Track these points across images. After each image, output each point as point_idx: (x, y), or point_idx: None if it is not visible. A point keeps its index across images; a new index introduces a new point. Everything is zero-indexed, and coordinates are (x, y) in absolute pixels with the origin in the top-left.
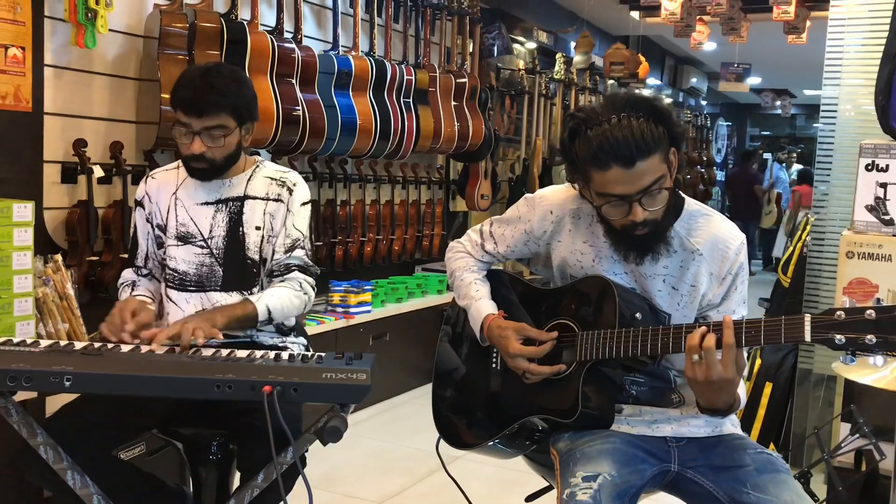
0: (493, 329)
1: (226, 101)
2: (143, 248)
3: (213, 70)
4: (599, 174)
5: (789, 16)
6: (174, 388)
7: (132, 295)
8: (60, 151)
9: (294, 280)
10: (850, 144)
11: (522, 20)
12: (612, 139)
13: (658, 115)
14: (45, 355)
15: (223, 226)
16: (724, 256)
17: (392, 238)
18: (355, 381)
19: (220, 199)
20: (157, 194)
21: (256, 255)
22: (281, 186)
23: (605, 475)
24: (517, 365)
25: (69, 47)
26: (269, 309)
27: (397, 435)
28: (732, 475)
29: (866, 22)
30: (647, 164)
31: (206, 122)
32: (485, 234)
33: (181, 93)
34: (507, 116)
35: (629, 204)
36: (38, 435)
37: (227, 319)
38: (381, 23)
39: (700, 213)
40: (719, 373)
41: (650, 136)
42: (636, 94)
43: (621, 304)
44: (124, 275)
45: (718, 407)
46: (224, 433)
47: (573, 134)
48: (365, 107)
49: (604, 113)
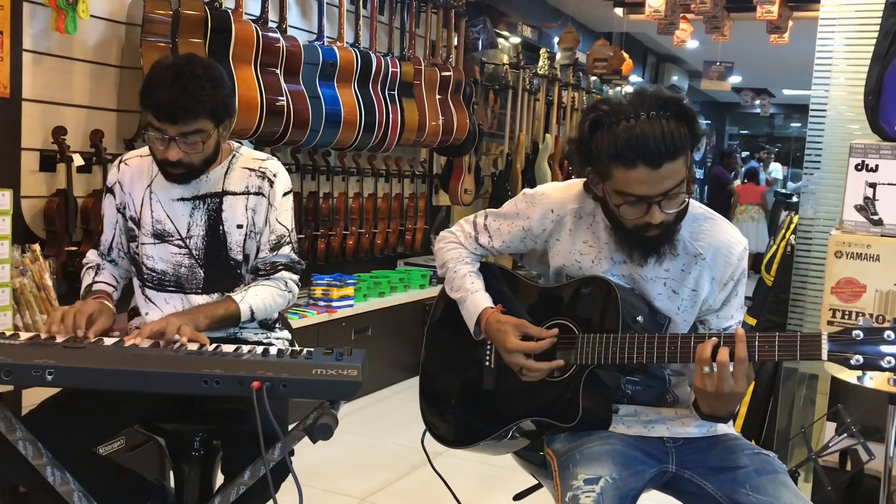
0: (491, 323)
1: (202, 106)
2: (109, 237)
3: (184, 70)
4: (623, 172)
5: (772, 15)
6: (160, 383)
7: (94, 282)
8: (39, 139)
9: (280, 279)
10: (837, 144)
11: (507, 15)
12: (642, 137)
13: (685, 117)
14: (26, 348)
15: (202, 224)
16: (727, 262)
17: (375, 232)
18: (346, 378)
19: (198, 196)
20: (131, 184)
21: (240, 255)
22: (261, 178)
23: (607, 477)
24: (514, 361)
25: (49, 32)
26: (252, 309)
27: (380, 430)
28: (731, 476)
29: (855, 21)
30: (673, 166)
31: (182, 129)
32: (479, 227)
33: (153, 96)
34: (491, 111)
35: (648, 205)
36: (16, 430)
37: (209, 321)
38: (366, 14)
39: (704, 216)
40: (730, 386)
41: (679, 137)
42: (666, 93)
43: (623, 307)
44: (89, 256)
45: (721, 415)
46: (207, 429)
47: (595, 126)
48: (349, 98)
49: (632, 109)
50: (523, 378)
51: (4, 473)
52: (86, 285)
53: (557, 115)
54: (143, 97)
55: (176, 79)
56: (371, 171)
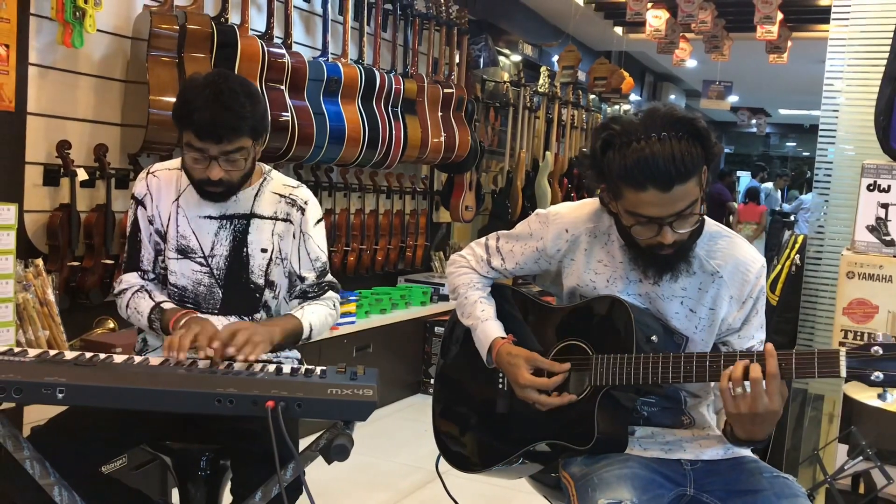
0: (502, 355)
1: (245, 123)
2: (149, 253)
3: (223, 87)
4: (633, 194)
5: (772, 35)
6: (172, 401)
7: (163, 301)
8: (43, 153)
9: (329, 299)
10: (848, 164)
11: (508, 33)
12: (652, 160)
13: (698, 136)
14: (36, 365)
15: (226, 244)
16: (744, 280)
17: (376, 248)
18: (361, 398)
19: (225, 216)
20: (158, 196)
21: (261, 280)
22: (291, 205)
23: (627, 502)
24: (526, 396)
25: (55, 46)
26: (311, 326)
27: (381, 449)
28: (749, 500)
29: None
30: (684, 188)
31: (225, 147)
32: (491, 250)
33: (195, 116)
34: (491, 128)
35: (659, 226)
36: (23, 448)
37: (283, 335)
38: (370, 31)
39: (720, 234)
40: (765, 405)
41: (690, 159)
42: (677, 112)
43: (637, 327)
44: (128, 279)
45: (759, 438)
46: (214, 448)
47: (606, 145)
48: (353, 115)
49: (643, 129)
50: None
51: (9, 494)
52: (150, 307)
53: (557, 132)
54: (181, 118)
55: (216, 97)
56: (373, 188)
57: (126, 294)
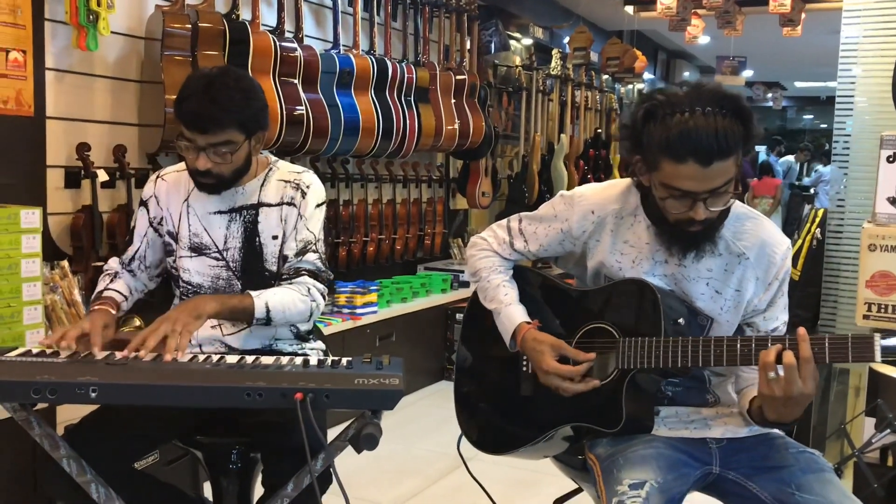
0: (527, 341)
1: (230, 117)
2: (134, 249)
3: (217, 80)
4: (672, 165)
5: (786, 8)
6: (203, 397)
7: (107, 288)
8: (63, 156)
9: (302, 284)
10: (866, 137)
11: (518, 16)
12: (695, 132)
13: (742, 115)
14: (69, 366)
15: (238, 237)
16: (770, 261)
17: (394, 237)
18: (388, 387)
19: (234, 208)
20: (168, 199)
21: (275, 267)
22: (295, 189)
23: (652, 482)
24: (551, 383)
25: (70, 50)
26: (268, 307)
27: (407, 437)
28: (776, 476)
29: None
30: (723, 165)
31: (210, 139)
32: (513, 231)
33: (183, 106)
34: (505, 113)
35: (693, 201)
36: (60, 447)
37: (219, 306)
38: (380, 21)
39: (747, 216)
40: (799, 388)
41: (733, 136)
42: (723, 90)
43: (665, 310)
44: (110, 263)
45: (788, 420)
46: (245, 441)
47: (648, 115)
48: (367, 106)
49: (688, 102)
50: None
51: (49, 492)
52: (97, 291)
53: (571, 114)
54: (175, 107)
55: (206, 89)
56: (389, 178)
57: (102, 274)
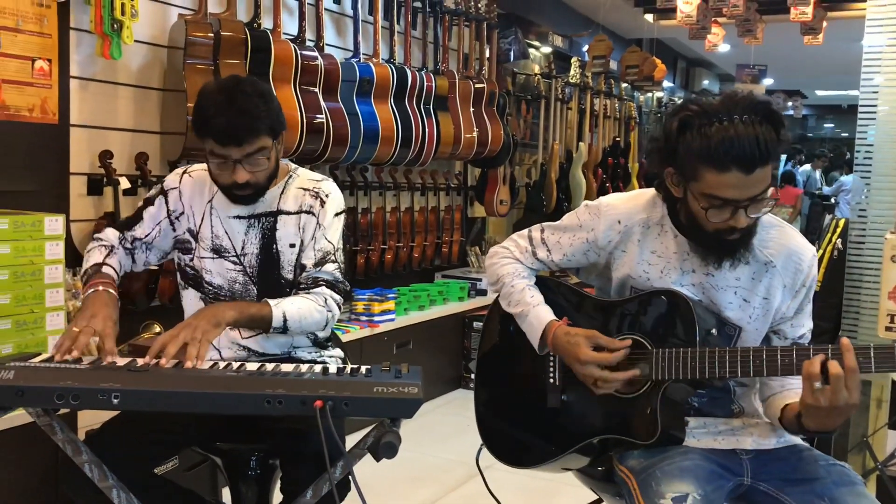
0: (559, 336)
1: (261, 123)
2: (144, 232)
3: (236, 91)
4: (714, 175)
5: (807, 17)
6: (224, 404)
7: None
8: (86, 163)
9: (319, 294)
10: (889, 146)
11: (537, 24)
12: (737, 140)
13: (774, 122)
14: (91, 372)
15: (256, 242)
16: (797, 269)
17: (412, 245)
18: (407, 395)
19: (254, 215)
20: (192, 197)
21: (292, 275)
22: (314, 197)
23: (694, 494)
24: (588, 372)
25: (94, 58)
26: (285, 316)
27: (424, 444)
28: (808, 488)
29: None
30: (764, 172)
31: (246, 150)
32: (535, 241)
33: (212, 123)
34: (524, 121)
35: (734, 209)
36: (82, 453)
37: (238, 314)
38: (400, 30)
39: (772, 224)
40: (845, 398)
41: (772, 143)
42: (756, 97)
43: (699, 321)
44: (107, 233)
45: (829, 429)
46: (264, 448)
47: (683, 126)
48: (387, 114)
49: (724, 110)
50: (597, 391)
51: (71, 497)
52: (94, 262)
53: (590, 123)
54: (200, 127)
55: (230, 102)
56: (407, 185)
57: (95, 242)
